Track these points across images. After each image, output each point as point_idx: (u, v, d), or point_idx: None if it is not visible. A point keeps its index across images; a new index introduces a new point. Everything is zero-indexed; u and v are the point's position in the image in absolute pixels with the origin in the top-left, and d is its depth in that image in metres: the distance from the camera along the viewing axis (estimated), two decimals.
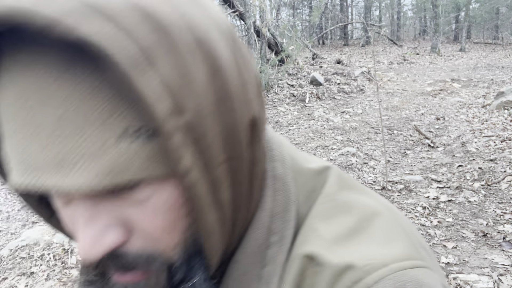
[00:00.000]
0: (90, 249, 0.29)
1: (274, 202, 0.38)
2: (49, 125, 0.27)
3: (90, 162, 0.27)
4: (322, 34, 21.02)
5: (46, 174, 0.27)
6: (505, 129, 5.52)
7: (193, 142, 0.28)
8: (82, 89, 0.27)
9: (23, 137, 0.27)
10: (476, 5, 24.48)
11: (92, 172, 0.27)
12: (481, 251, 2.69)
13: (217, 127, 0.30)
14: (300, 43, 10.98)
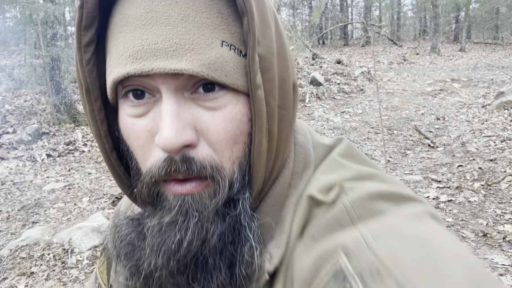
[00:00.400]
0: (174, 136, 0.36)
1: (295, 163, 0.46)
2: (174, 21, 0.36)
3: (199, 53, 0.36)
4: (322, 34, 21.00)
5: (162, 59, 0.35)
6: (505, 129, 5.52)
7: (262, 70, 0.38)
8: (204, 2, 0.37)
9: (148, 30, 0.36)
10: (476, 5, 24.47)
11: (200, 61, 0.36)
12: (481, 251, 2.69)
13: (276, 70, 0.40)
14: (300, 43, 10.97)
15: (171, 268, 0.39)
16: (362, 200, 0.38)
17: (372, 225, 0.35)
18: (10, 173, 5.15)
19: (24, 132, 6.27)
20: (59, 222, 3.49)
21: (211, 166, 0.38)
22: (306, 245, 0.38)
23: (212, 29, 0.37)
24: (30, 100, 7.82)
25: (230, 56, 0.37)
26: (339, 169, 0.45)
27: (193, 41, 0.36)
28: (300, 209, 0.42)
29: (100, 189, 4.37)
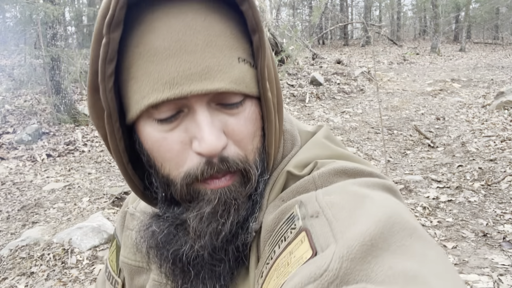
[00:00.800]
0: (216, 142, 0.42)
1: (284, 148, 0.55)
2: (201, 48, 0.42)
3: (226, 72, 0.42)
4: (322, 34, 21.00)
5: (196, 82, 0.41)
6: (505, 129, 5.52)
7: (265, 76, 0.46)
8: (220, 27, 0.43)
9: (180, 59, 0.41)
10: (476, 5, 24.45)
11: (228, 79, 0.42)
12: (481, 251, 2.69)
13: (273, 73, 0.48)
14: (300, 43, 10.96)
15: (213, 247, 0.47)
16: (328, 173, 0.46)
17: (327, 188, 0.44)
18: (10, 173, 5.15)
19: (24, 132, 6.27)
20: (59, 222, 3.49)
21: (240, 161, 0.46)
22: (275, 205, 0.47)
23: (230, 49, 0.43)
24: (30, 100, 7.82)
25: (246, 69, 0.44)
26: (317, 148, 0.54)
27: (219, 62, 0.42)
28: (278, 182, 0.50)
29: (100, 189, 4.37)
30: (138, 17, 0.44)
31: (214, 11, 0.44)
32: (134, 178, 0.52)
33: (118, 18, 0.41)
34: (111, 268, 0.68)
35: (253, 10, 0.43)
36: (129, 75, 0.44)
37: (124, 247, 0.65)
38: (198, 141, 0.43)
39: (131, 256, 0.63)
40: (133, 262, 0.62)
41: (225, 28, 0.44)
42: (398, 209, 0.37)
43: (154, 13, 0.43)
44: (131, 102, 0.45)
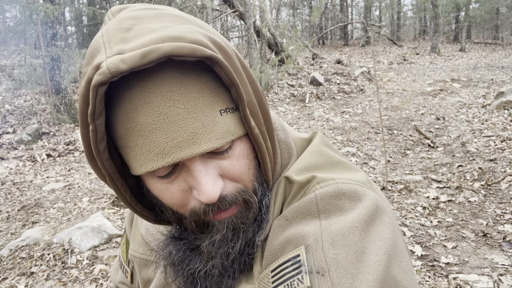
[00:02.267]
0: (213, 190, 0.45)
1: (282, 158, 0.58)
2: (183, 116, 0.43)
3: (211, 131, 0.44)
4: (322, 34, 20.99)
5: (184, 148, 0.43)
6: (505, 129, 5.52)
7: (249, 110, 0.48)
8: (195, 87, 0.44)
9: (165, 131, 0.43)
10: (476, 5, 24.44)
11: (214, 137, 0.44)
12: (481, 251, 2.68)
13: (256, 104, 0.49)
14: (300, 43, 10.96)
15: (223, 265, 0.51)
16: (330, 196, 0.48)
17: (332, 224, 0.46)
18: (10, 173, 5.15)
19: (24, 132, 6.27)
20: (59, 222, 3.49)
21: (239, 194, 0.49)
22: (281, 223, 0.50)
23: (210, 107, 0.44)
24: (30, 100, 7.81)
25: (229, 118, 0.46)
26: (313, 156, 0.57)
27: (203, 124, 0.44)
28: (280, 188, 0.54)
29: (100, 189, 4.37)
30: (119, 94, 0.44)
31: (188, 74, 0.44)
32: (145, 212, 0.56)
33: (99, 108, 0.42)
34: (122, 258, 0.76)
35: (225, 70, 0.44)
36: (123, 144, 0.46)
37: (133, 242, 0.71)
38: (197, 191, 0.46)
39: (139, 249, 0.69)
40: (141, 255, 0.68)
41: (202, 87, 0.44)
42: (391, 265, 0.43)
43: (132, 90, 0.43)
44: (130, 165, 0.47)
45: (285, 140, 0.59)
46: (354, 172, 0.54)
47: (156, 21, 0.46)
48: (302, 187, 0.52)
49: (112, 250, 2.90)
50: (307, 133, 0.64)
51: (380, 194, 0.52)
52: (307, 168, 0.54)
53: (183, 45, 0.41)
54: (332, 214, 0.47)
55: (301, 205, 0.49)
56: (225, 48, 0.47)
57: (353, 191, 0.49)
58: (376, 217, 0.46)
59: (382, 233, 0.45)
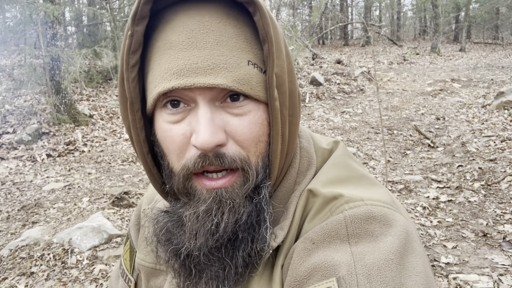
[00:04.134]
0: (210, 138, 0.45)
1: (300, 164, 0.57)
2: (211, 45, 0.45)
3: (231, 71, 0.45)
4: (322, 34, 20.98)
5: (200, 76, 0.44)
6: (505, 129, 5.52)
7: (277, 85, 0.48)
8: (234, 30, 0.46)
9: (190, 53, 0.45)
10: (476, 5, 24.43)
11: (232, 77, 0.45)
12: (481, 251, 2.68)
13: (287, 85, 0.49)
14: (300, 43, 10.96)
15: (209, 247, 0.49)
16: (360, 220, 0.45)
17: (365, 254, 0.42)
18: (10, 173, 5.15)
19: (24, 132, 6.27)
20: (59, 222, 3.49)
21: (240, 159, 0.48)
22: (306, 246, 0.46)
23: (240, 51, 0.46)
24: (30, 100, 7.81)
25: (254, 73, 0.47)
26: (337, 168, 0.55)
27: (226, 61, 0.45)
28: (301, 200, 0.52)
29: (100, 189, 4.37)
30: (163, 15, 0.48)
31: (231, 17, 0.47)
32: (153, 169, 0.55)
33: (142, 12, 0.46)
34: (125, 267, 0.71)
35: (264, 21, 0.46)
36: (149, 67, 0.49)
37: (140, 250, 0.68)
38: (196, 134, 0.46)
39: (147, 258, 0.65)
40: (149, 264, 0.65)
41: (239, 32, 0.47)
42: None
43: (177, 12, 0.47)
44: (148, 93, 0.50)
45: (307, 149, 0.58)
46: (378, 189, 0.52)
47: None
48: (327, 203, 0.49)
49: (112, 250, 2.90)
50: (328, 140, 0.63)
51: (405, 215, 0.50)
52: (331, 181, 0.52)
53: None
54: (362, 239, 0.44)
55: (328, 226, 0.46)
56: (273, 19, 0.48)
57: (382, 215, 0.46)
58: (408, 246, 0.44)
59: (416, 266, 0.43)
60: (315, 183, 0.52)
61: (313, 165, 0.56)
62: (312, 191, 0.51)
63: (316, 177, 0.54)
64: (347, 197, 0.48)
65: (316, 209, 0.49)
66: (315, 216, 0.49)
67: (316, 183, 0.52)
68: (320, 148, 0.60)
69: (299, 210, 0.51)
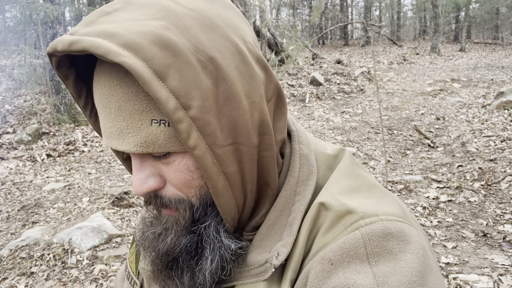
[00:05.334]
0: (138, 187, 0.48)
1: (300, 172, 0.54)
2: (114, 111, 0.45)
3: (134, 135, 0.45)
4: (322, 34, 20.99)
5: (113, 140, 0.46)
6: (505, 129, 5.52)
7: (198, 128, 0.43)
8: (131, 91, 0.44)
9: (103, 117, 0.47)
10: (476, 5, 24.44)
11: (134, 142, 0.45)
12: (481, 251, 2.68)
13: (221, 119, 0.45)
14: (300, 43, 10.97)
15: (159, 263, 0.53)
16: (377, 237, 0.44)
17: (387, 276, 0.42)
18: (10, 173, 5.15)
19: (24, 132, 6.27)
20: (59, 222, 3.49)
21: (175, 201, 0.50)
22: (324, 268, 0.45)
23: (140, 113, 0.44)
24: (30, 100, 7.81)
25: (160, 130, 0.45)
26: (346, 179, 0.53)
27: (128, 126, 0.45)
28: (310, 214, 0.50)
29: (100, 189, 4.37)
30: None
31: (129, 75, 0.44)
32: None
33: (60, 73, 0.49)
34: (131, 269, 0.71)
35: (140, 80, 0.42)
36: None
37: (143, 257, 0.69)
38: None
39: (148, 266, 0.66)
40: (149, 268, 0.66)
41: (138, 90, 0.44)
42: None
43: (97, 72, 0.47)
44: None
45: (307, 156, 0.56)
46: (389, 199, 0.51)
47: (138, 10, 0.45)
48: (341, 217, 0.47)
49: (112, 250, 2.90)
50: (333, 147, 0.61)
51: (417, 226, 0.49)
52: (343, 193, 0.50)
53: (98, 45, 0.40)
54: (382, 258, 0.43)
55: (346, 246, 0.45)
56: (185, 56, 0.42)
57: (399, 230, 0.45)
58: (427, 264, 0.44)
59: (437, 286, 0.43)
60: (327, 196, 0.50)
61: (314, 174, 0.54)
62: (324, 205, 0.49)
63: (326, 188, 0.52)
64: (361, 213, 0.47)
65: (328, 224, 0.48)
66: (328, 231, 0.48)
67: (328, 196, 0.50)
68: (324, 154, 0.58)
69: (308, 224, 0.49)
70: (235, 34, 0.47)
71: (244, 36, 0.49)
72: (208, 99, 0.43)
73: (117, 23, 0.43)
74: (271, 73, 0.52)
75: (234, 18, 0.49)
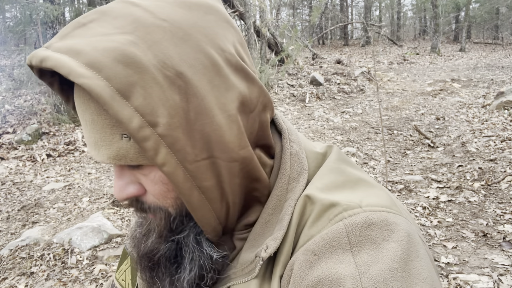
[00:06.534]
0: (118, 193, 0.49)
1: (291, 170, 0.54)
2: (89, 124, 0.46)
3: (107, 148, 0.46)
4: (322, 34, 20.99)
5: (91, 150, 0.48)
6: (505, 129, 5.52)
7: (167, 145, 0.43)
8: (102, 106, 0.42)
9: (82, 126, 0.49)
10: (476, 5, 24.44)
11: (107, 154, 0.46)
12: (481, 251, 2.68)
13: (193, 135, 0.44)
14: (300, 43, 10.97)
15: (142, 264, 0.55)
16: (360, 227, 0.45)
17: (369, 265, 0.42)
18: (10, 173, 5.15)
19: (24, 132, 6.27)
20: (59, 222, 3.49)
21: (153, 209, 0.51)
22: (308, 258, 0.45)
23: (111, 127, 0.45)
24: (30, 100, 7.81)
25: (130, 145, 0.45)
26: (332, 174, 0.54)
27: (101, 139, 0.46)
28: (298, 207, 0.50)
29: (100, 189, 4.37)
30: None
31: None
32: None
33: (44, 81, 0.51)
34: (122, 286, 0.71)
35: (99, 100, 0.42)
36: None
37: None
38: None
39: None
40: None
41: None
42: None
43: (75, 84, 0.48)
44: None
45: (298, 154, 0.56)
46: (377, 191, 0.51)
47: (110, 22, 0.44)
48: (325, 210, 0.48)
49: (112, 250, 2.90)
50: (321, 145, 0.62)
51: (407, 216, 0.49)
52: (328, 187, 0.51)
53: (62, 65, 0.40)
54: (364, 247, 0.44)
55: (329, 236, 0.45)
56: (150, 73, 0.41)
57: (382, 220, 0.45)
58: (411, 251, 0.44)
59: (422, 272, 0.42)
60: (311, 189, 0.51)
61: (305, 171, 0.55)
62: (310, 197, 0.50)
63: (312, 183, 0.53)
64: (344, 205, 0.47)
65: (314, 217, 0.48)
66: (313, 224, 0.48)
67: (312, 189, 0.51)
68: (313, 153, 0.58)
69: (296, 217, 0.50)
70: (211, 45, 0.46)
71: (222, 45, 0.47)
72: (176, 115, 0.43)
73: (86, 38, 0.43)
74: (254, 80, 0.50)
75: (213, 25, 0.48)
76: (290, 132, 0.58)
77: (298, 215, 0.49)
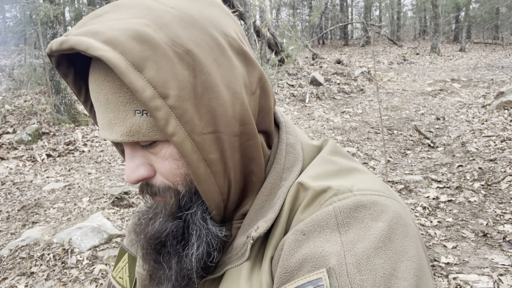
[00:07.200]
0: (129, 175, 0.51)
1: (286, 160, 0.57)
2: (103, 104, 0.49)
3: (120, 126, 0.48)
4: (322, 34, 20.99)
5: (105, 131, 0.50)
6: (505, 129, 5.52)
7: (177, 116, 0.45)
8: (116, 85, 0.47)
9: (96, 110, 0.51)
10: (476, 5, 24.44)
11: (120, 132, 0.48)
12: (481, 251, 2.68)
13: (200, 108, 0.47)
14: (300, 43, 10.97)
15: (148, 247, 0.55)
16: (349, 209, 0.46)
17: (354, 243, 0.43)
18: (10, 173, 5.15)
19: (24, 132, 6.27)
20: (59, 222, 3.49)
21: (163, 190, 0.53)
22: (297, 238, 0.47)
23: (124, 105, 0.48)
24: (30, 100, 7.82)
25: (143, 120, 0.48)
26: (325, 164, 0.55)
27: (115, 117, 0.48)
28: (291, 193, 0.52)
29: (100, 189, 4.37)
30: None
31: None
32: None
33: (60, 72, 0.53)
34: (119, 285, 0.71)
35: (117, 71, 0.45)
36: None
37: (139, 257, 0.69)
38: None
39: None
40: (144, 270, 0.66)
41: (122, 84, 0.47)
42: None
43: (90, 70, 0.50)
44: None
45: (293, 145, 0.59)
46: (369, 178, 0.53)
47: (124, 11, 0.48)
48: (317, 196, 0.49)
49: (112, 250, 2.90)
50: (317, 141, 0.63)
51: (400, 201, 0.50)
52: (320, 176, 0.53)
53: (81, 42, 0.43)
54: (352, 227, 0.45)
55: (318, 218, 0.47)
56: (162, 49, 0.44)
57: (372, 202, 0.47)
58: (398, 229, 0.44)
59: (408, 249, 0.43)
60: (305, 177, 0.53)
61: (299, 161, 0.57)
62: (303, 184, 0.52)
63: (305, 171, 0.55)
64: (335, 189, 0.49)
65: (306, 202, 0.50)
66: (306, 209, 0.50)
67: (305, 177, 0.53)
68: (309, 145, 0.61)
69: (289, 203, 0.52)
70: (215, 29, 0.49)
71: (226, 31, 0.50)
72: (185, 88, 0.46)
73: (102, 23, 0.46)
74: (254, 65, 0.53)
75: (217, 14, 0.51)
76: (287, 125, 0.61)
77: (290, 201, 0.51)
